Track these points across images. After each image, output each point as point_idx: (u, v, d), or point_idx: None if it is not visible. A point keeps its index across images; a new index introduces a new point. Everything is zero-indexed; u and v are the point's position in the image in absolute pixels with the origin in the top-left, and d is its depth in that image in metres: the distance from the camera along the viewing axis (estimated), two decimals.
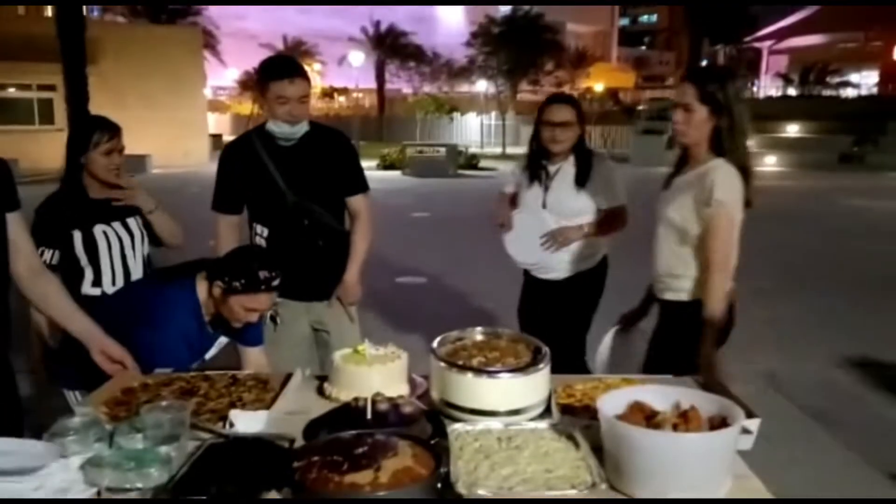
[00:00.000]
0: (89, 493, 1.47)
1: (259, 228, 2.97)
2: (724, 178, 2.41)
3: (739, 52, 49.34)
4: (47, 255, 2.79)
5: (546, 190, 3.29)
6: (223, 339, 2.51)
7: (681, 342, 2.44)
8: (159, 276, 2.53)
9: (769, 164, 20.85)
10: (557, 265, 3.31)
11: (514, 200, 3.46)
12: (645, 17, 73.91)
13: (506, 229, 3.31)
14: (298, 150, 2.88)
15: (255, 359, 2.57)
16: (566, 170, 3.28)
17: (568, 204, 3.26)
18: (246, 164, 2.90)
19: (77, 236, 2.85)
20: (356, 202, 3.02)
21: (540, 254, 3.27)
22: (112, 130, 2.92)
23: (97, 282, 2.88)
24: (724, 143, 2.45)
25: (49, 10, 31.43)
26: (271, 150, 2.87)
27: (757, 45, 52.03)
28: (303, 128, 2.84)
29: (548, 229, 3.24)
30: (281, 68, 2.80)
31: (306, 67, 3.03)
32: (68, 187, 2.92)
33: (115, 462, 1.47)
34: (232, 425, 1.75)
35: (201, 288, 2.33)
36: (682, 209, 2.50)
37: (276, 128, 2.82)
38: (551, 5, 40.93)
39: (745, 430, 1.60)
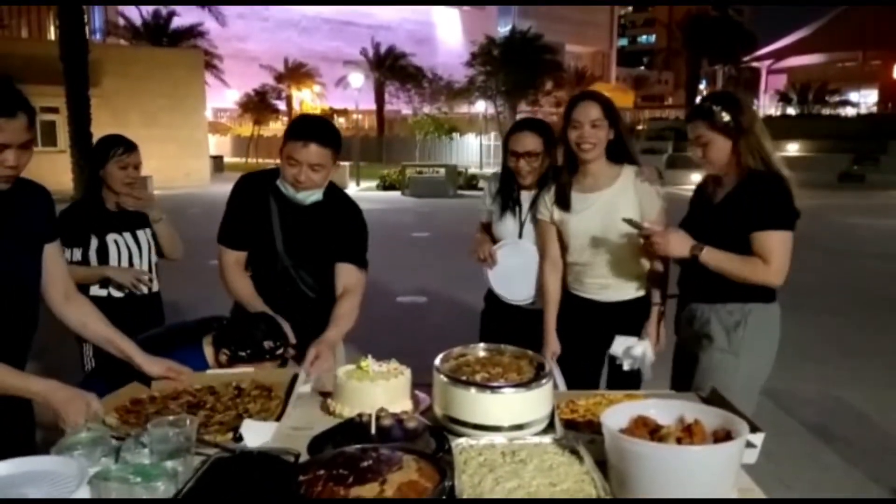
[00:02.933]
0: None
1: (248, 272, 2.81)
2: None
3: (738, 72, 49.70)
4: (67, 253, 2.96)
5: (521, 222, 3.04)
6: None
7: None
8: (168, 338, 2.49)
9: None
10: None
11: (486, 229, 3.23)
12: (644, 38, 74.59)
13: (488, 265, 3.07)
14: (308, 215, 2.63)
15: None
16: (536, 199, 2.99)
17: None
18: (254, 211, 2.68)
19: (93, 241, 3.18)
20: (349, 273, 2.66)
21: (522, 290, 3.03)
22: (127, 146, 3.26)
23: (104, 284, 3.20)
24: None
25: (52, 33, 31.70)
26: (281, 206, 2.64)
27: (755, 64, 52.43)
28: (312, 197, 2.58)
29: (536, 262, 2.98)
30: (299, 128, 2.53)
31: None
32: (88, 197, 3.28)
33: (121, 476, 1.48)
34: (241, 438, 1.78)
35: (208, 352, 2.34)
36: None
37: (284, 189, 2.58)
38: (555, 4, 41.06)
39: (750, 444, 1.61)
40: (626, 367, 2.78)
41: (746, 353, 2.51)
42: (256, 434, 1.81)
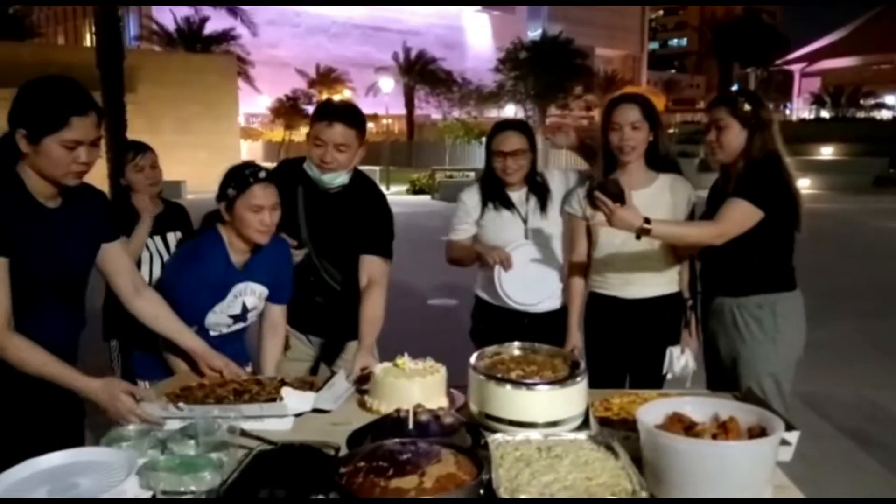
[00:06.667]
0: (145, 496, 1.53)
1: None
2: None
3: (770, 75, 49.04)
4: None
5: (525, 221, 2.97)
6: (255, 287, 2.48)
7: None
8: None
9: (803, 186, 20.53)
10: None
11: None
12: (675, 41, 73.95)
13: (506, 267, 2.89)
14: (333, 202, 2.68)
15: (274, 316, 2.60)
16: (529, 198, 2.98)
17: (548, 232, 2.98)
18: (282, 196, 2.63)
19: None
20: (373, 264, 2.65)
21: (540, 293, 2.95)
22: (137, 149, 3.31)
23: None
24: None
25: (88, 40, 32.32)
26: (308, 194, 2.69)
27: (788, 67, 51.65)
28: (338, 179, 2.62)
29: (551, 264, 2.95)
30: (324, 110, 2.61)
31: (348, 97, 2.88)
32: (117, 203, 3.21)
33: (169, 466, 1.54)
34: (282, 399, 1.91)
35: (224, 230, 2.42)
36: None
37: (310, 171, 2.63)
38: (585, 4, 40.83)
39: (785, 442, 1.61)
40: (669, 377, 2.81)
41: (782, 339, 2.58)
42: (296, 400, 1.94)
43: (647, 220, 2.35)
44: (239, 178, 2.35)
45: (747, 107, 2.55)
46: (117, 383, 1.91)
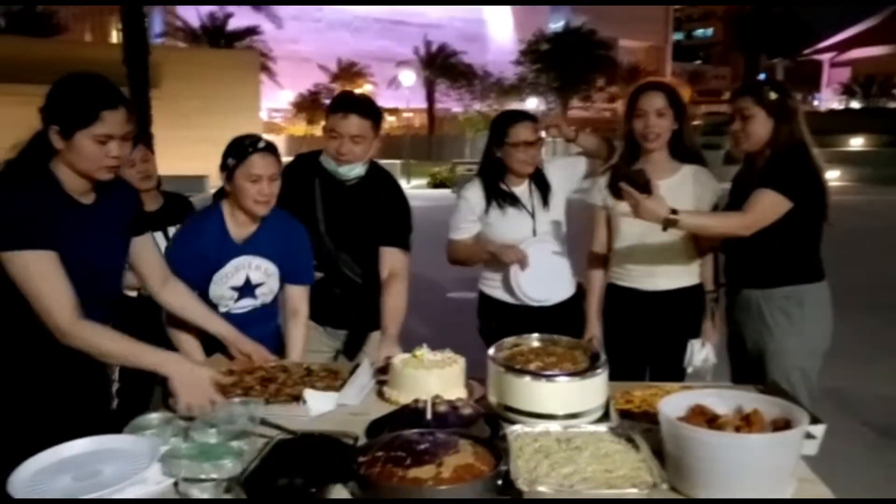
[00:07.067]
0: (166, 483, 1.55)
1: None
2: None
3: (798, 66, 48.30)
4: None
5: (532, 215, 2.93)
6: (260, 262, 2.49)
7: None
8: None
9: (832, 178, 20.25)
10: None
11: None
12: (700, 32, 73.10)
13: (524, 266, 2.86)
14: (350, 194, 2.68)
15: (294, 300, 2.59)
16: (532, 192, 2.94)
17: (555, 223, 2.97)
18: (299, 190, 2.70)
19: None
20: (393, 257, 2.66)
21: (555, 287, 2.94)
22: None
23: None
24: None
25: (114, 37, 32.68)
26: (325, 185, 2.69)
27: (817, 57, 50.86)
28: (354, 171, 2.62)
29: (562, 258, 2.94)
30: (339, 102, 2.64)
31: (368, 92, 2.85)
32: None
33: (191, 454, 1.55)
34: (305, 402, 1.93)
35: (226, 204, 2.45)
36: None
37: (326, 163, 2.64)
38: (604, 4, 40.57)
39: (810, 436, 1.59)
40: (690, 370, 2.78)
41: (809, 331, 2.54)
42: (319, 401, 1.96)
43: (673, 211, 2.32)
44: (238, 148, 2.38)
45: (773, 95, 2.51)
46: (201, 373, 1.97)
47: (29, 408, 1.91)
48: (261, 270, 2.48)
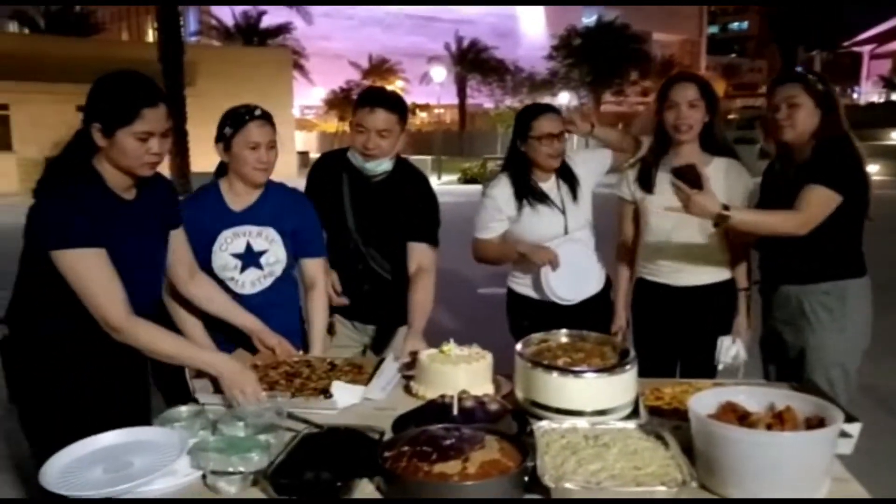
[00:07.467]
0: (195, 476, 1.57)
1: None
2: None
3: (836, 58, 47.24)
4: None
5: (563, 212, 2.86)
6: (261, 230, 2.48)
7: None
8: None
9: (871, 173, 19.83)
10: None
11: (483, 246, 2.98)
12: (735, 25, 71.90)
13: (555, 266, 2.78)
14: (378, 190, 2.68)
15: (310, 273, 2.60)
16: (560, 187, 2.88)
17: (584, 219, 2.91)
18: (327, 188, 2.74)
19: None
20: (421, 252, 2.66)
21: (586, 286, 2.87)
22: None
23: None
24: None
25: (150, 36, 33.19)
26: (353, 181, 2.70)
27: (856, 49, 49.72)
28: (381, 166, 2.62)
29: (592, 254, 2.89)
30: (366, 97, 2.64)
31: (398, 90, 2.82)
32: None
33: (219, 447, 1.56)
34: (331, 395, 1.94)
35: (224, 180, 2.48)
36: None
37: (353, 158, 2.64)
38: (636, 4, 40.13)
39: (845, 434, 1.55)
40: (720, 367, 2.74)
41: (851, 327, 2.48)
42: (345, 394, 1.97)
43: (725, 207, 2.27)
44: (235, 117, 2.39)
45: (820, 86, 2.44)
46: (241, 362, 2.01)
47: (72, 398, 1.94)
48: (262, 237, 2.47)
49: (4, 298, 2.02)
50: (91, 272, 1.84)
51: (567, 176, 2.90)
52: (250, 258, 2.47)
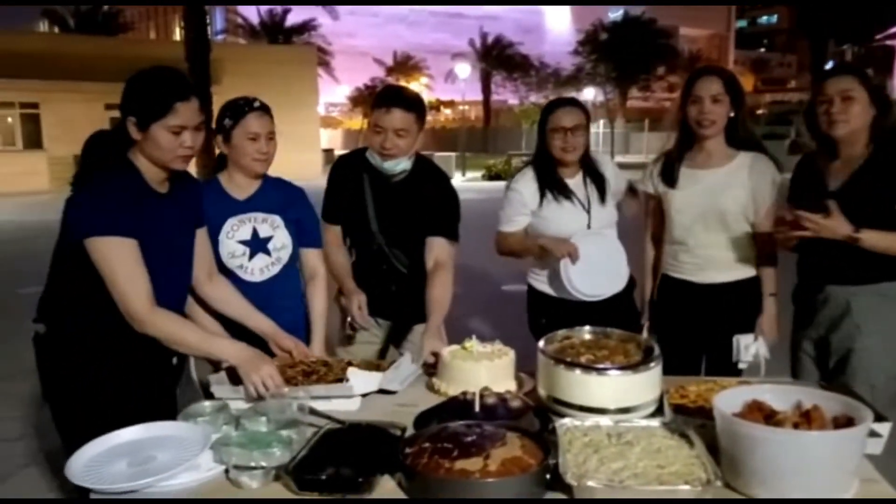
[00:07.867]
0: (218, 470, 1.58)
1: (348, 245, 2.89)
2: None
3: (869, 51, 46.28)
4: None
5: (587, 210, 2.85)
6: (266, 216, 2.51)
7: None
8: None
9: None
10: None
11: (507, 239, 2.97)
12: (764, 19, 70.83)
13: (574, 259, 2.74)
14: (399, 189, 2.67)
15: (311, 264, 2.65)
16: (587, 185, 2.87)
17: (609, 219, 2.90)
18: (348, 188, 2.74)
19: None
20: (439, 247, 2.65)
21: (607, 283, 2.84)
22: None
23: None
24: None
25: (177, 35, 33.54)
26: (374, 181, 2.69)
27: (890, 42, 48.73)
28: (400, 165, 2.61)
29: (617, 252, 2.86)
30: (383, 96, 2.61)
31: (419, 88, 2.81)
32: None
33: (241, 442, 1.57)
34: (348, 380, 1.94)
35: (222, 175, 2.52)
36: None
37: (372, 159, 2.62)
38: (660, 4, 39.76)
39: (875, 434, 1.52)
40: (741, 366, 2.69)
41: None
42: (362, 380, 1.97)
43: (857, 229, 2.23)
44: (234, 108, 2.43)
45: (875, 80, 2.37)
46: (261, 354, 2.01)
47: (97, 395, 1.97)
48: (267, 223, 2.50)
49: (38, 295, 2.05)
50: (120, 261, 1.87)
51: (594, 175, 2.88)
52: (258, 244, 2.49)
